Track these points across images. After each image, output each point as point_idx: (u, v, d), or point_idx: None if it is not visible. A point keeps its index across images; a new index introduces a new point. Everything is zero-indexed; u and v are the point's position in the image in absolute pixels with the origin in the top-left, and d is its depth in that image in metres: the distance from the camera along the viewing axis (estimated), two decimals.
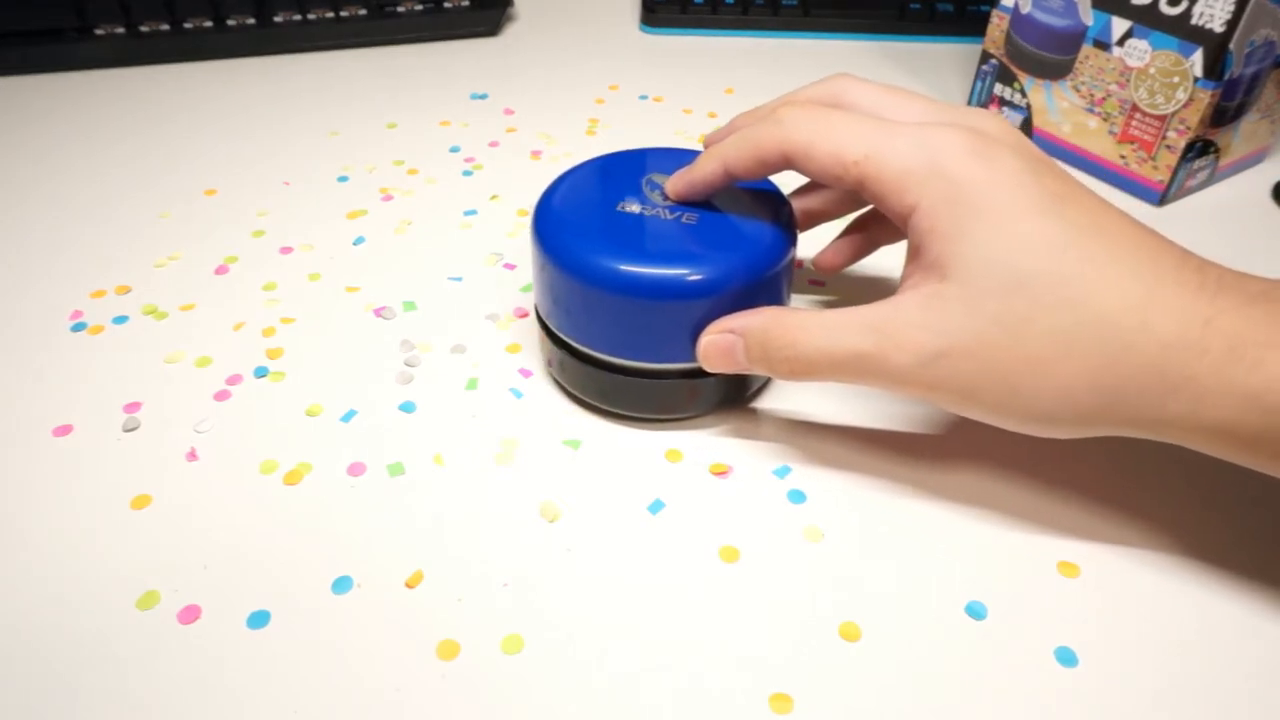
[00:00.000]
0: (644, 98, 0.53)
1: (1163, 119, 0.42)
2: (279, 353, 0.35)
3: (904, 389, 0.25)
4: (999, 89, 0.49)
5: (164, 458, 0.30)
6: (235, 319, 0.36)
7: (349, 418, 0.32)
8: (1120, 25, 0.42)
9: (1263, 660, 0.25)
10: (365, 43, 0.59)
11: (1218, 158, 0.44)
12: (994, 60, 0.48)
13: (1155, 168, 0.43)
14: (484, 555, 0.27)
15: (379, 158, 0.47)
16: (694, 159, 0.30)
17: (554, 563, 0.27)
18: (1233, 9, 0.37)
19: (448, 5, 0.59)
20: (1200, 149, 0.42)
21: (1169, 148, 0.42)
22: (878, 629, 0.25)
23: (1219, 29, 0.38)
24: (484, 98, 0.53)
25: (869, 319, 0.25)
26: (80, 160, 0.47)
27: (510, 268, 0.39)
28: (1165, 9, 0.40)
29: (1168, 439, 0.24)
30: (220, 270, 0.39)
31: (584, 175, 0.32)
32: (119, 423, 0.32)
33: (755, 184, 0.31)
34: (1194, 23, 0.39)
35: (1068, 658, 0.25)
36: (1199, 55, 0.39)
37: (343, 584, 0.26)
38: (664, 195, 0.30)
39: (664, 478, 0.30)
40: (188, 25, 0.56)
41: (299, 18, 0.58)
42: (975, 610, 0.26)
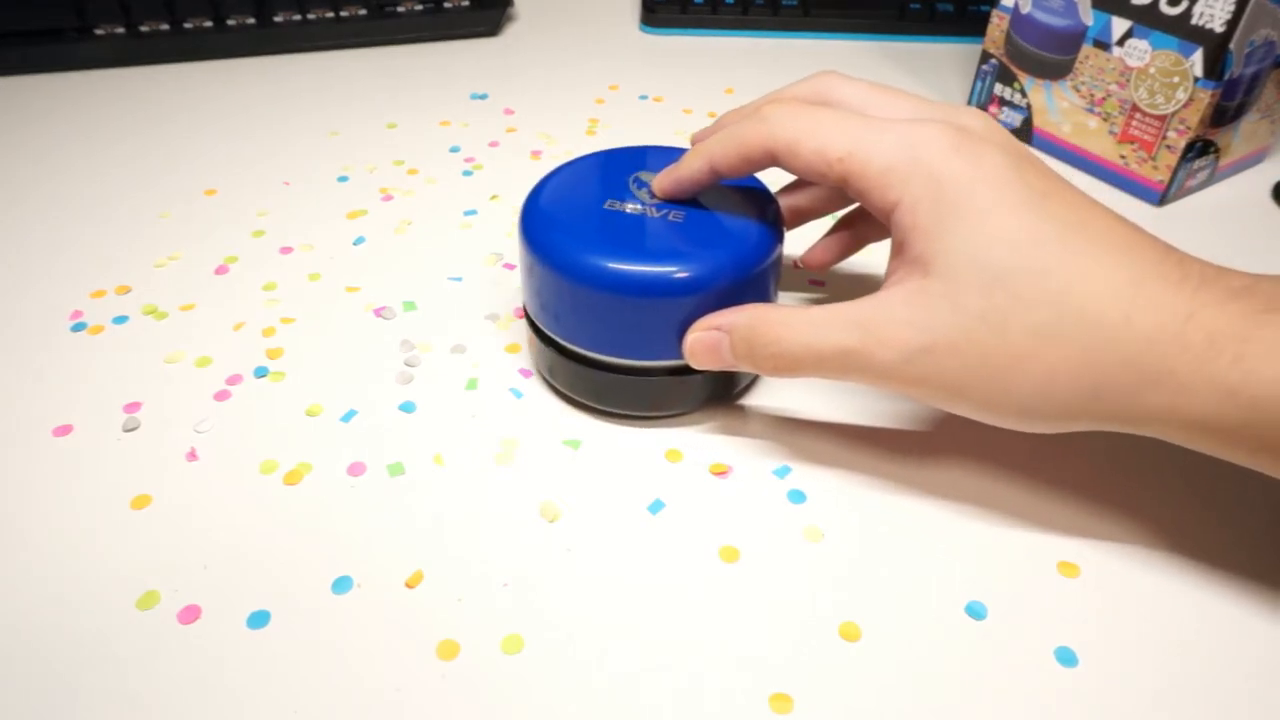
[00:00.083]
0: (644, 98, 0.53)
1: (1163, 119, 0.42)
2: (279, 353, 0.35)
3: (888, 385, 0.26)
4: (999, 89, 0.49)
5: (164, 458, 0.30)
6: (235, 319, 0.36)
7: (349, 418, 0.32)
8: (1120, 25, 0.42)
9: (1263, 660, 0.25)
10: (365, 43, 0.59)
11: (1218, 158, 0.44)
12: (994, 60, 0.48)
13: (1155, 168, 0.43)
14: (484, 555, 0.27)
15: (379, 158, 0.47)
16: (680, 157, 0.30)
17: (554, 563, 0.27)
18: (1233, 9, 0.37)
19: (448, 5, 0.59)
20: (1200, 149, 0.42)
21: (1169, 148, 0.42)
22: (878, 629, 0.25)
23: (1219, 29, 0.38)
24: (484, 98, 0.53)
25: (853, 315, 0.25)
26: (80, 160, 0.47)
27: (510, 268, 0.39)
28: (1165, 9, 0.40)
29: (1149, 433, 0.24)
30: (220, 270, 0.39)
31: (571, 174, 0.32)
32: (119, 423, 0.32)
33: (742, 181, 0.31)
34: (1194, 23, 0.39)
35: (1068, 658, 0.25)
36: (1199, 55, 0.39)
37: (343, 584, 0.26)
38: (651, 193, 0.30)
39: (664, 478, 0.30)
40: (188, 25, 0.56)
41: (299, 18, 0.58)
42: (975, 610, 0.26)
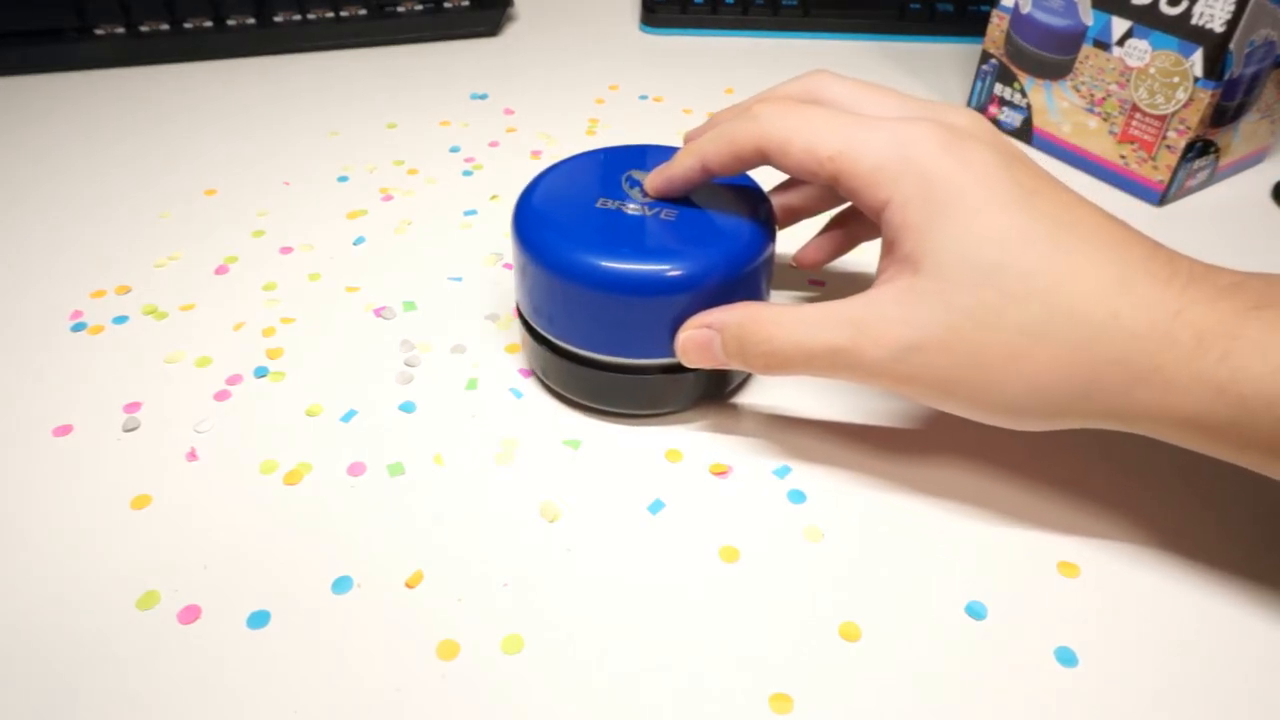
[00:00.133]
0: (644, 98, 0.53)
1: (1163, 119, 0.42)
2: (279, 353, 0.35)
3: (879, 383, 0.26)
4: (999, 89, 0.49)
5: (164, 458, 0.30)
6: (235, 319, 0.36)
7: (349, 418, 0.32)
8: (1120, 25, 0.42)
9: (1263, 660, 0.25)
10: (365, 43, 0.59)
11: (1218, 158, 0.44)
12: (994, 60, 0.48)
13: (1155, 168, 0.43)
14: (484, 555, 0.27)
15: (379, 158, 0.47)
16: (672, 155, 0.30)
17: (554, 563, 0.27)
18: (1233, 9, 0.37)
19: (448, 5, 0.59)
20: (1200, 149, 0.42)
21: (1169, 148, 0.42)
22: (878, 629, 0.25)
23: (1219, 29, 0.38)
24: (484, 98, 0.53)
25: (844, 313, 0.26)
26: (80, 160, 0.47)
27: (510, 268, 0.39)
28: (1165, 9, 0.40)
29: (1138, 430, 0.24)
30: (220, 270, 0.39)
31: (563, 173, 0.32)
32: (119, 423, 0.32)
33: (735, 180, 0.31)
34: (1194, 23, 0.39)
35: (1068, 658, 0.25)
36: (1199, 55, 0.39)
37: (343, 584, 0.26)
38: (643, 192, 0.30)
39: (664, 478, 0.30)
40: (188, 25, 0.56)
41: (299, 18, 0.58)
42: (975, 610, 0.26)
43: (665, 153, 0.32)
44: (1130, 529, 0.28)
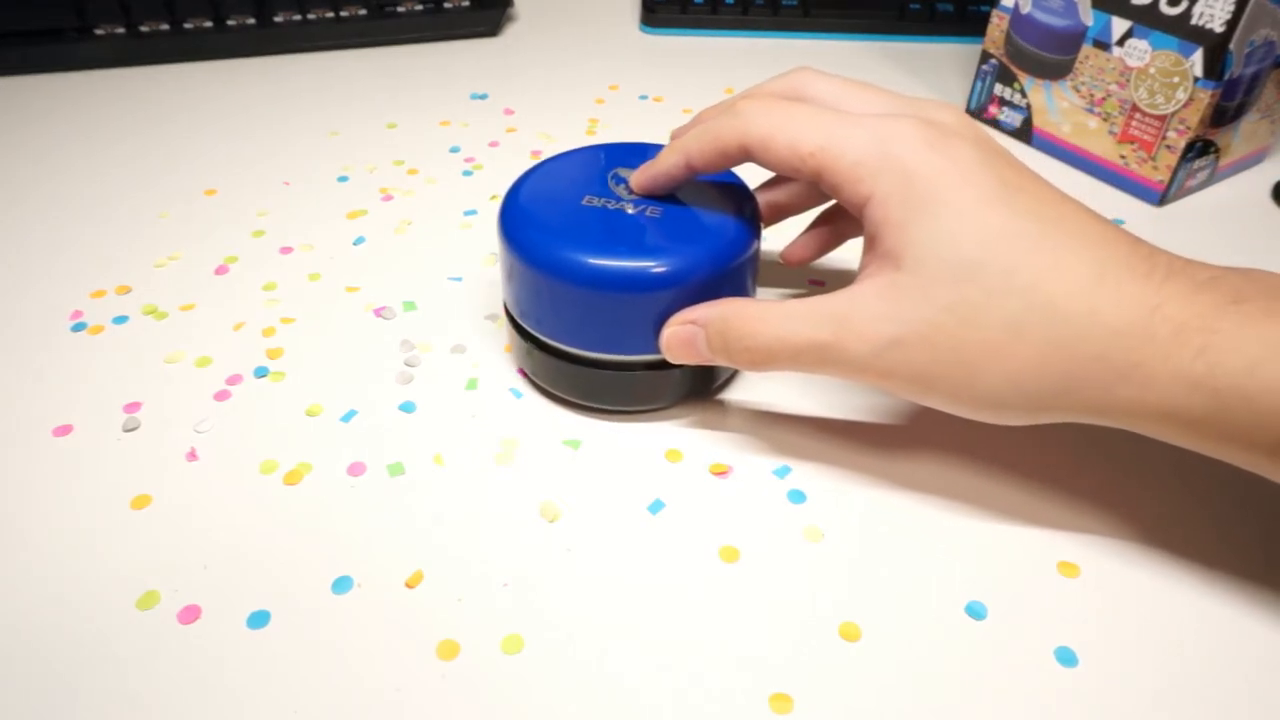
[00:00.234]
0: (644, 98, 0.53)
1: (1163, 119, 0.42)
2: (279, 353, 0.35)
3: (861, 377, 0.26)
4: (999, 89, 0.49)
5: (164, 458, 0.30)
6: (235, 319, 0.36)
7: (349, 418, 0.32)
8: (1120, 25, 0.42)
9: (1262, 660, 0.25)
10: (365, 43, 0.59)
11: (1218, 158, 0.44)
12: (994, 60, 0.48)
13: (1155, 168, 0.43)
14: (484, 555, 0.27)
15: (379, 158, 0.47)
16: (658, 153, 0.30)
17: (554, 563, 0.27)
18: (1233, 9, 0.37)
19: (448, 5, 0.59)
20: (1200, 149, 0.42)
21: (1169, 148, 0.42)
22: (878, 629, 0.25)
23: (1219, 29, 0.38)
24: (484, 98, 0.53)
25: (826, 309, 0.26)
26: (80, 160, 0.47)
27: None
28: (1165, 9, 0.40)
29: (1118, 424, 0.24)
30: (220, 270, 0.39)
31: (550, 171, 0.32)
32: (119, 423, 0.32)
33: (720, 177, 0.31)
34: (1194, 23, 0.39)
35: (1068, 658, 0.25)
36: (1199, 55, 0.39)
37: (343, 584, 0.26)
38: (629, 189, 0.30)
39: (664, 478, 0.30)
40: (188, 25, 0.56)
41: (299, 18, 0.58)
42: (975, 610, 0.26)
43: (651, 150, 0.32)
44: (1130, 529, 0.28)
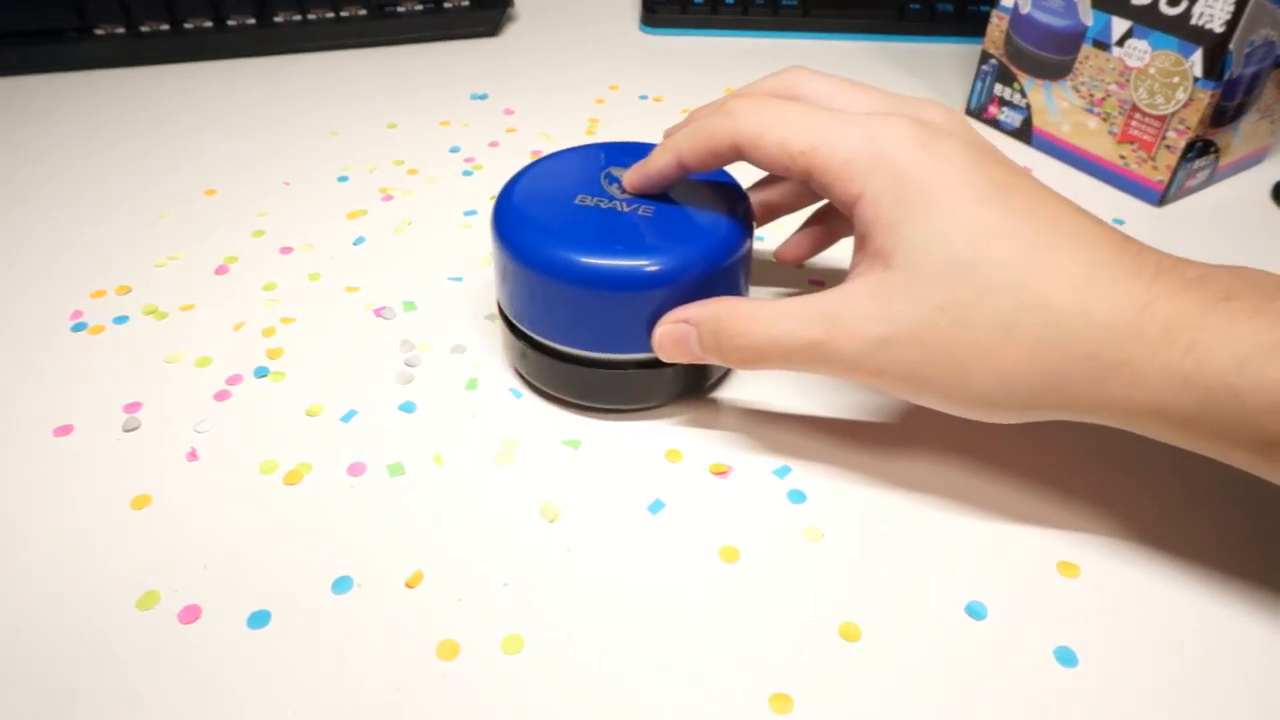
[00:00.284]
0: (644, 98, 0.53)
1: (1163, 119, 0.42)
2: (279, 353, 0.35)
3: (852, 376, 0.26)
4: (999, 89, 0.49)
5: (164, 458, 0.30)
6: (235, 319, 0.36)
7: (349, 418, 0.32)
8: (1120, 25, 0.42)
9: (1262, 660, 0.25)
10: (365, 43, 0.59)
11: (1217, 158, 0.44)
12: (994, 60, 0.48)
13: (1155, 168, 0.43)
14: (484, 555, 0.27)
15: (379, 158, 0.47)
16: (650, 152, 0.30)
17: (554, 563, 0.27)
18: (1232, 9, 0.37)
19: (448, 5, 0.59)
20: (1200, 149, 0.42)
21: (1169, 148, 0.42)
22: (878, 629, 0.25)
23: (1219, 29, 0.38)
24: (484, 98, 0.53)
25: (818, 308, 0.26)
26: (80, 160, 0.47)
27: None
28: (1165, 9, 0.40)
29: (1108, 421, 0.24)
30: (220, 270, 0.39)
31: (544, 170, 0.32)
32: (119, 423, 0.32)
33: (713, 176, 0.31)
34: (1194, 23, 0.39)
35: (1068, 658, 0.25)
36: (1199, 55, 0.39)
37: (343, 584, 0.26)
38: (622, 188, 0.30)
39: (664, 478, 0.30)
40: (188, 25, 0.56)
41: (299, 18, 0.58)
42: (975, 610, 0.26)
43: (643, 150, 0.32)
44: (1130, 529, 0.28)
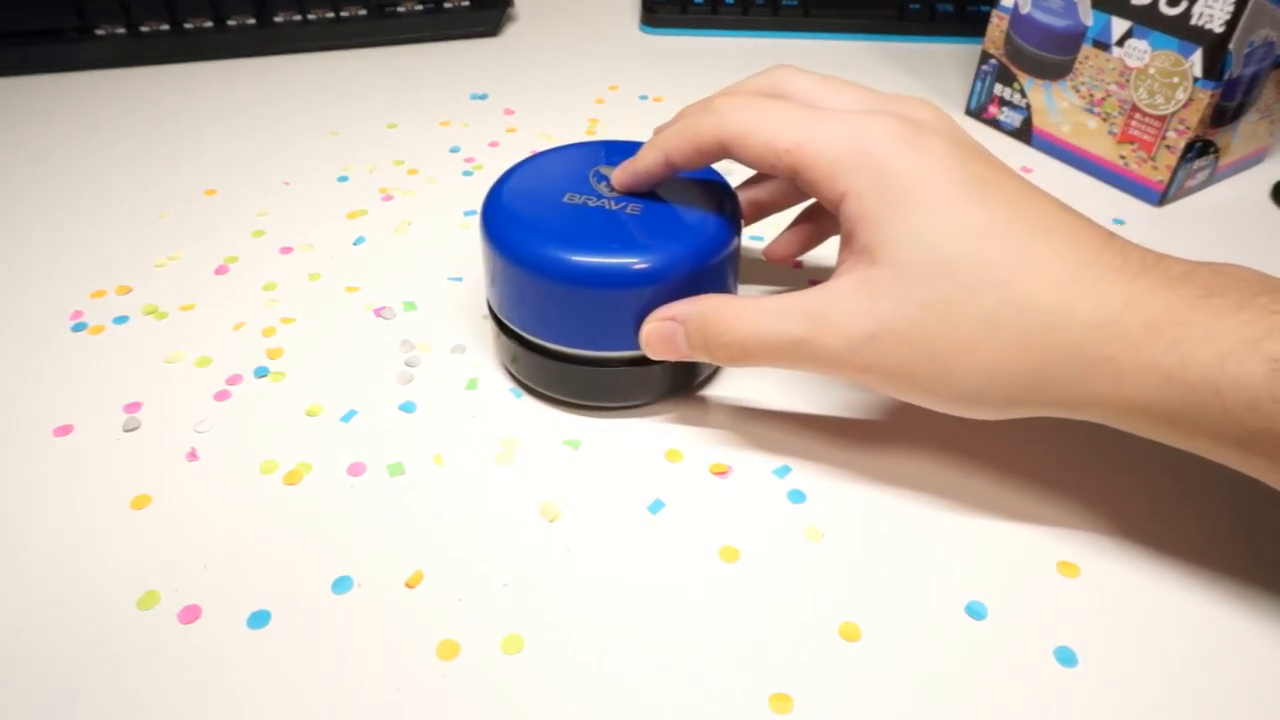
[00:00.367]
0: (644, 98, 0.53)
1: (1162, 119, 0.42)
2: (279, 353, 0.35)
3: (839, 372, 0.26)
4: (999, 89, 0.49)
5: (164, 458, 0.30)
6: (235, 319, 0.36)
7: (349, 418, 0.32)
8: (1120, 25, 0.42)
9: (1262, 660, 0.25)
10: (365, 43, 0.59)
11: (1217, 158, 0.44)
12: (994, 60, 0.48)
13: (1155, 168, 0.43)
14: (484, 555, 0.27)
15: (379, 158, 0.47)
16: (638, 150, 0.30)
17: (554, 563, 0.27)
18: (1232, 9, 0.37)
19: (448, 5, 0.59)
20: (1200, 149, 0.42)
21: (1169, 148, 0.42)
22: (878, 629, 0.25)
23: (1219, 29, 0.38)
24: (484, 98, 0.53)
25: (803, 305, 0.26)
26: (80, 160, 0.47)
27: None
28: (1165, 9, 0.40)
29: (1091, 418, 0.24)
30: (220, 270, 0.39)
31: (532, 169, 0.32)
32: (119, 423, 0.32)
33: (701, 175, 0.32)
34: (1194, 23, 0.39)
35: (1068, 658, 0.25)
36: (1199, 55, 0.39)
37: (343, 584, 0.26)
38: (611, 187, 0.31)
39: (664, 478, 0.30)
40: (188, 25, 0.56)
41: (299, 18, 0.58)
42: (975, 610, 0.26)
43: (632, 148, 0.32)
44: (1130, 529, 0.28)
